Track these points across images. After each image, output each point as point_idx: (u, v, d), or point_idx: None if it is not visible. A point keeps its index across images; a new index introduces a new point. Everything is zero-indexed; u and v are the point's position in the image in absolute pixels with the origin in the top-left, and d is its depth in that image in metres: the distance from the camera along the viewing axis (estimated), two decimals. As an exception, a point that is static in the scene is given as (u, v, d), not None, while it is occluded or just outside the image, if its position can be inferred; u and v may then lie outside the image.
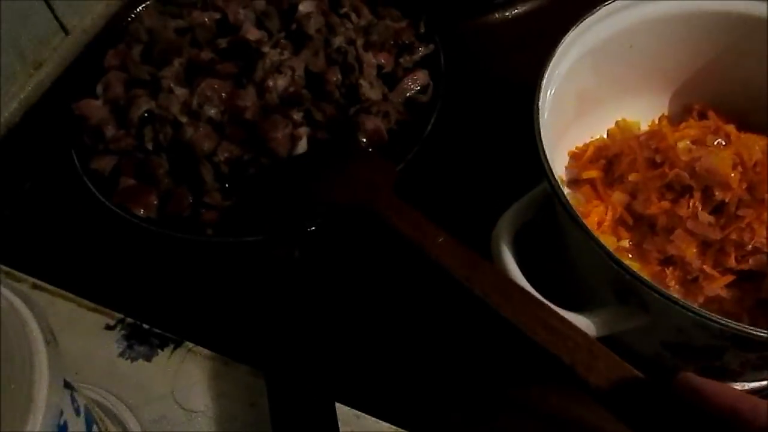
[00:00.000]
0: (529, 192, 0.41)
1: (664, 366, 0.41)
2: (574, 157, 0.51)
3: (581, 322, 0.35)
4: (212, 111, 0.51)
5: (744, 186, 0.43)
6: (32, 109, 0.63)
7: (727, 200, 0.43)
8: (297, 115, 0.49)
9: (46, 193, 0.57)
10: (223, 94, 0.51)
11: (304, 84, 0.52)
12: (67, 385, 0.29)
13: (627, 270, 0.35)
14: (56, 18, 0.64)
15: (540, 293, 0.36)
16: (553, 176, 0.37)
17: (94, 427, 0.32)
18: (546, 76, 0.41)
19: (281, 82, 0.50)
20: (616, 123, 0.53)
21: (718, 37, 0.49)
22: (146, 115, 0.51)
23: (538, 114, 0.39)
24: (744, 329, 0.33)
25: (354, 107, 0.51)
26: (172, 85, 0.51)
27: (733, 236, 0.42)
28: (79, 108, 0.55)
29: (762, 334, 0.32)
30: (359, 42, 0.54)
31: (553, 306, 0.34)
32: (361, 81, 0.51)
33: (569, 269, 0.43)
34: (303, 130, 0.49)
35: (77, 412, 0.30)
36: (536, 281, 0.36)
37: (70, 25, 0.65)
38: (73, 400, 0.30)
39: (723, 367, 0.39)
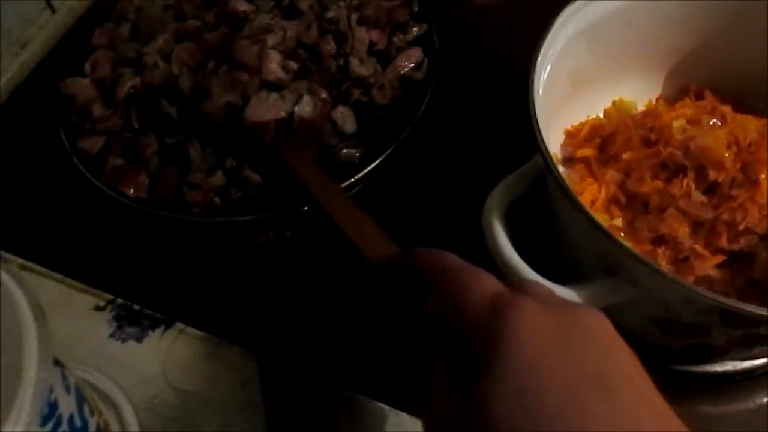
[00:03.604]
0: (521, 167, 0.40)
1: (652, 342, 0.41)
2: (570, 135, 0.51)
3: (569, 294, 0.35)
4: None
5: (738, 166, 0.43)
6: (19, 89, 0.62)
7: (720, 180, 0.43)
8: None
9: (34, 174, 0.56)
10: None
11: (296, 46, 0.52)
12: (57, 363, 0.29)
13: (617, 243, 0.35)
14: (43, -4, 0.63)
15: (530, 266, 0.36)
16: (547, 151, 0.37)
17: (85, 406, 0.31)
18: (541, 52, 0.41)
19: (271, 40, 0.49)
20: (613, 102, 0.52)
21: (716, 17, 0.49)
22: (132, 92, 0.51)
23: (533, 89, 0.39)
24: (731, 304, 0.33)
25: (346, 83, 0.51)
26: (157, 59, 0.50)
27: (725, 216, 0.42)
28: (67, 86, 0.54)
29: (748, 309, 0.32)
30: (353, 17, 0.53)
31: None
32: (351, 58, 0.50)
33: (559, 243, 0.43)
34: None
35: (67, 390, 0.29)
36: (527, 255, 0.37)
37: (57, 3, 0.64)
38: (64, 377, 0.29)
39: (710, 344, 0.40)
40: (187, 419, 0.43)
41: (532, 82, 0.39)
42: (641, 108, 0.51)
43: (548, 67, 0.43)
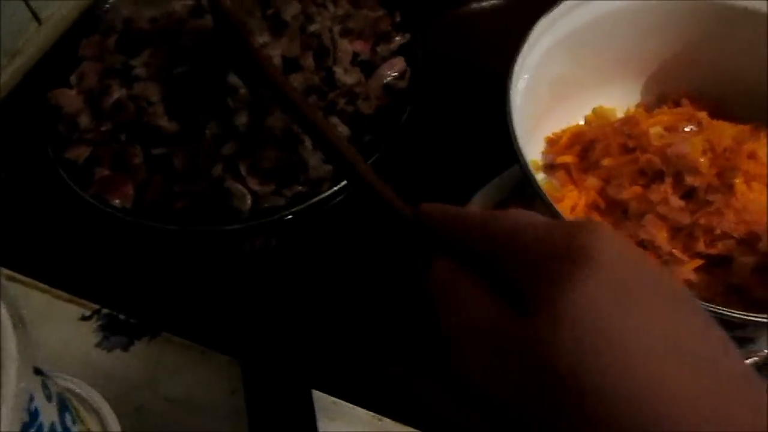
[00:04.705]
0: (501, 173, 0.41)
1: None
2: (551, 142, 0.51)
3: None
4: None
5: (714, 171, 0.44)
6: (6, 99, 0.62)
7: (697, 185, 0.44)
8: None
9: (20, 184, 0.56)
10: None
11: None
12: (38, 372, 0.29)
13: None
14: (30, 8, 0.63)
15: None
16: (524, 158, 0.38)
17: (68, 415, 0.32)
18: (518, 62, 0.42)
19: None
20: (593, 110, 0.53)
21: (693, 26, 0.50)
22: (118, 103, 0.51)
23: (510, 98, 0.40)
24: (708, 308, 0.33)
25: (333, 92, 0.51)
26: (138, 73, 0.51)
27: (702, 221, 0.43)
28: (54, 97, 0.54)
29: (720, 311, 0.33)
30: (336, 29, 0.54)
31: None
32: (335, 68, 0.51)
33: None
34: None
35: (49, 398, 0.30)
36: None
37: (44, 15, 0.64)
38: (45, 386, 0.30)
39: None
40: (173, 428, 0.44)
41: (509, 91, 0.40)
42: (621, 115, 0.52)
43: (528, 77, 0.44)
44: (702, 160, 0.43)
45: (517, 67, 0.42)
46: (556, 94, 0.50)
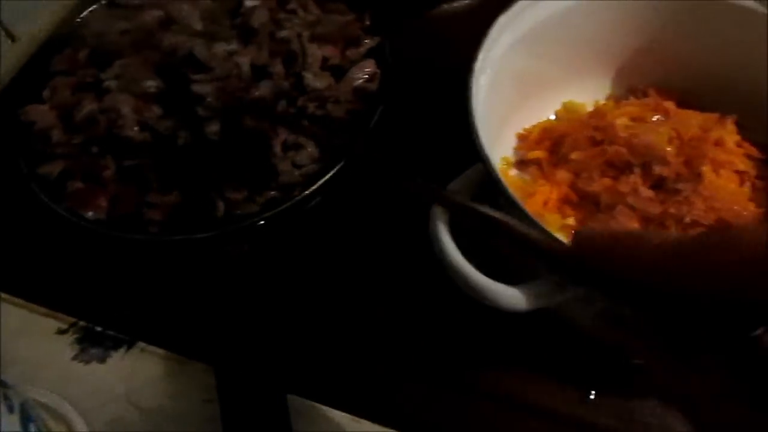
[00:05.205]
0: (465, 171, 0.41)
1: (601, 337, 0.42)
2: (522, 138, 0.51)
3: (515, 294, 0.35)
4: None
5: (681, 160, 0.44)
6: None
7: (665, 175, 0.44)
8: None
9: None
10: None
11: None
12: (-3, 383, 0.29)
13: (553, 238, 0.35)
14: (3, 26, 0.63)
15: (477, 268, 0.36)
16: (485, 152, 0.38)
17: (32, 426, 0.32)
18: (480, 57, 0.42)
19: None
20: (563, 104, 0.53)
21: (659, 18, 0.50)
22: (90, 116, 0.51)
23: (471, 94, 0.40)
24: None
25: (302, 97, 0.51)
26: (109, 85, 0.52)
27: (672, 210, 0.43)
28: (26, 113, 0.55)
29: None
30: (305, 34, 0.54)
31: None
32: (305, 73, 0.51)
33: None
34: None
35: (10, 409, 0.29)
36: (472, 256, 0.37)
37: (18, 32, 0.65)
38: (6, 397, 0.29)
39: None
40: (149, 438, 0.44)
41: (470, 86, 0.40)
42: (591, 109, 0.52)
43: (492, 73, 0.43)
44: (669, 149, 0.43)
45: (478, 63, 0.41)
46: (524, 90, 0.49)
